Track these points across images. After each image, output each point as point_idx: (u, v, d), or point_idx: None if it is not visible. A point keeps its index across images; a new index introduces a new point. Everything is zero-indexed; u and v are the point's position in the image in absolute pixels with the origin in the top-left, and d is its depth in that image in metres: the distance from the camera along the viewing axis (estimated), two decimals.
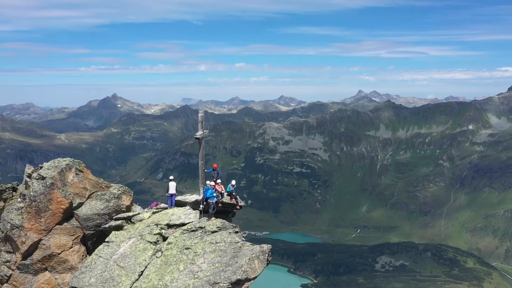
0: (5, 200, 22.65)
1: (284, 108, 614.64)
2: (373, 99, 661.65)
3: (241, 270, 15.91)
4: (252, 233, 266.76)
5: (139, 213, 21.41)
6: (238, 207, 21.43)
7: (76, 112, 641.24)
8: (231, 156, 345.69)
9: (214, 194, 20.07)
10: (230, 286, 15.65)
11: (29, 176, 21.29)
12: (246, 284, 16.21)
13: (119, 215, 21.11)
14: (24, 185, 21.79)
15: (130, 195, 22.70)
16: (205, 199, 20.26)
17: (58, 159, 22.09)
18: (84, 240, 21.04)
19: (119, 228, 20.52)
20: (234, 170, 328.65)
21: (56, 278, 19.94)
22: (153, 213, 21.51)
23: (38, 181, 20.35)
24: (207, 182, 21.19)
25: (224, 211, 21.14)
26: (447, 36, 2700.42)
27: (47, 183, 20.18)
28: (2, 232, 20.75)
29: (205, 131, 23.42)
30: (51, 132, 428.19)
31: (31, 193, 20.11)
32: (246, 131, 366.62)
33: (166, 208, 22.63)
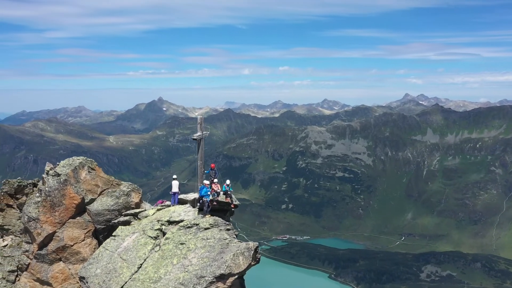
0: (26, 195, 24.19)
1: (327, 112, 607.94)
2: (421, 102, 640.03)
3: (225, 265, 16.71)
4: (293, 237, 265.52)
5: (145, 210, 22.28)
6: (232, 206, 21.79)
7: (124, 115, 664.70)
8: (273, 160, 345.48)
9: (209, 193, 20.56)
10: (214, 280, 16.44)
11: (47, 173, 22.44)
12: (231, 279, 16.77)
13: (127, 212, 22.11)
14: (42, 181, 23.06)
15: (139, 193, 23.70)
16: (200, 197, 20.84)
17: (73, 157, 23.13)
18: (96, 234, 21.94)
19: (126, 223, 21.41)
20: (276, 173, 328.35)
21: (69, 268, 21.00)
22: (158, 210, 22.23)
23: (53, 178, 21.57)
24: (204, 181, 21.71)
25: (221, 210, 21.61)
26: (501, 36, 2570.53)
27: (61, 180, 21.34)
28: (23, 224, 22.05)
29: (204, 132, 24.33)
30: (101, 134, 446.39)
31: (47, 188, 21.36)
32: (288, 135, 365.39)
33: (169, 206, 23.46)
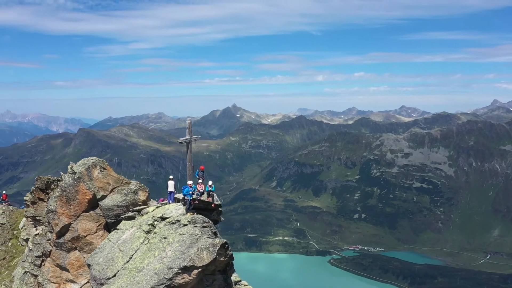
0: (52, 190, 26.80)
1: (405, 119, 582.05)
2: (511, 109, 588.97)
3: (189, 259, 18.30)
4: (365, 248, 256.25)
5: (146, 207, 23.86)
6: (213, 205, 23.00)
7: (199, 121, 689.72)
8: (346, 168, 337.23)
9: (190, 192, 21.82)
10: (180, 271, 18.08)
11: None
12: (195, 271, 18.32)
13: (134, 208, 23.86)
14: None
15: (146, 191, 25.02)
16: (183, 196, 22.35)
17: (88, 158, 24.90)
18: (107, 227, 23.82)
19: (131, 218, 23.26)
20: (348, 182, 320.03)
21: (84, 257, 23.02)
22: (157, 207, 23.75)
23: (69, 175, 23.89)
24: (188, 182, 23.04)
25: (206, 209, 22.93)
26: None
27: (75, 177, 23.55)
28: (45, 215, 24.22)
29: (193, 136, 25.99)
30: (178, 139, 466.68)
31: (63, 184, 23.70)
32: (362, 142, 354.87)
33: (166, 204, 25.03)
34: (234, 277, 27.00)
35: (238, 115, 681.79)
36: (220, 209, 23.90)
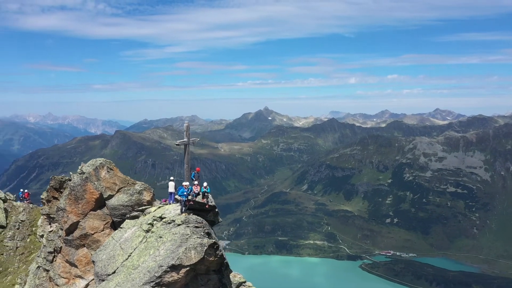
0: (64, 189, 28.08)
1: (439, 122, 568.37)
2: None
3: (177, 257, 18.78)
4: (397, 253, 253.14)
5: (149, 207, 24.73)
6: (207, 206, 23.15)
7: (231, 124, 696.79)
8: (377, 171, 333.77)
9: (185, 193, 22.10)
10: (168, 269, 18.62)
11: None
12: (183, 270, 18.67)
13: (138, 208, 24.64)
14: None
15: (150, 192, 25.49)
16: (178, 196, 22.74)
17: (96, 158, 26.28)
18: (114, 226, 24.75)
19: (136, 218, 24.14)
20: (380, 185, 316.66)
21: (91, 254, 23.91)
22: (159, 207, 24.43)
23: (78, 175, 24.90)
24: (183, 183, 23.06)
25: (203, 210, 23.22)
26: None
27: (83, 177, 24.47)
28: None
29: (192, 139, 25.94)
30: (211, 142, 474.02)
31: (72, 184, 24.71)
32: (395, 146, 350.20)
33: (167, 204, 25.37)
34: (239, 278, 27.96)
35: (270, 118, 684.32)
36: (216, 210, 23.99)
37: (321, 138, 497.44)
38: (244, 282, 27.93)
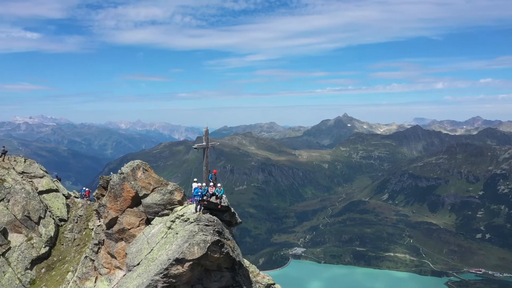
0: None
1: None
2: None
3: (181, 252, 20.36)
4: (490, 272, 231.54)
5: (176, 206, 26.22)
6: (219, 206, 24.27)
7: (309, 131, 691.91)
8: (467, 182, 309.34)
9: (199, 193, 23.42)
10: (174, 263, 20.23)
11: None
12: (187, 264, 20.28)
13: (170, 207, 26.36)
14: None
15: (181, 192, 27.11)
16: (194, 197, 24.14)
17: (134, 160, 28.00)
18: (148, 222, 26.36)
19: (166, 215, 25.88)
20: (470, 197, 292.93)
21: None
22: (184, 207, 25.82)
23: (117, 175, 27.01)
24: (197, 184, 24.70)
25: (219, 210, 24.51)
26: None
27: (122, 177, 26.55)
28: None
29: (211, 143, 27.86)
30: (288, 149, 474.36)
31: (112, 183, 26.79)
32: (487, 155, 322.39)
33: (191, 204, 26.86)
34: (268, 279, 28.77)
35: (349, 125, 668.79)
36: (232, 211, 25.12)
37: (404, 146, 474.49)
38: (273, 284, 28.43)
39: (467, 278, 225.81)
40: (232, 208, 25.17)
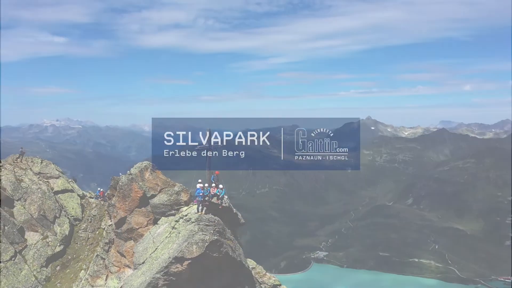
0: None
1: None
2: None
3: (179, 250, 21.11)
4: None
5: (181, 207, 26.95)
6: (220, 207, 24.67)
7: (333, 134, 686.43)
8: (496, 187, 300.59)
9: (201, 194, 23.79)
10: (173, 261, 20.97)
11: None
12: (186, 262, 20.96)
13: (176, 207, 26.99)
14: None
15: (187, 193, 27.96)
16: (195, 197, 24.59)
17: (142, 162, 28.87)
18: (156, 222, 26.80)
19: (172, 215, 26.46)
20: (499, 203, 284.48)
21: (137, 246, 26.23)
22: (189, 207, 26.39)
23: (126, 176, 27.86)
24: (199, 185, 24.74)
25: (222, 210, 25.23)
26: None
27: (130, 178, 27.30)
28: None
29: (214, 145, 28.95)
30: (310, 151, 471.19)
31: (120, 183, 27.68)
32: None
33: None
34: (274, 280, 29.05)
35: (373, 128, 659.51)
36: (234, 211, 25.80)
37: (429, 150, 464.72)
38: (279, 285, 28.79)
39: (495, 286, 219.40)
40: (234, 209, 25.73)
